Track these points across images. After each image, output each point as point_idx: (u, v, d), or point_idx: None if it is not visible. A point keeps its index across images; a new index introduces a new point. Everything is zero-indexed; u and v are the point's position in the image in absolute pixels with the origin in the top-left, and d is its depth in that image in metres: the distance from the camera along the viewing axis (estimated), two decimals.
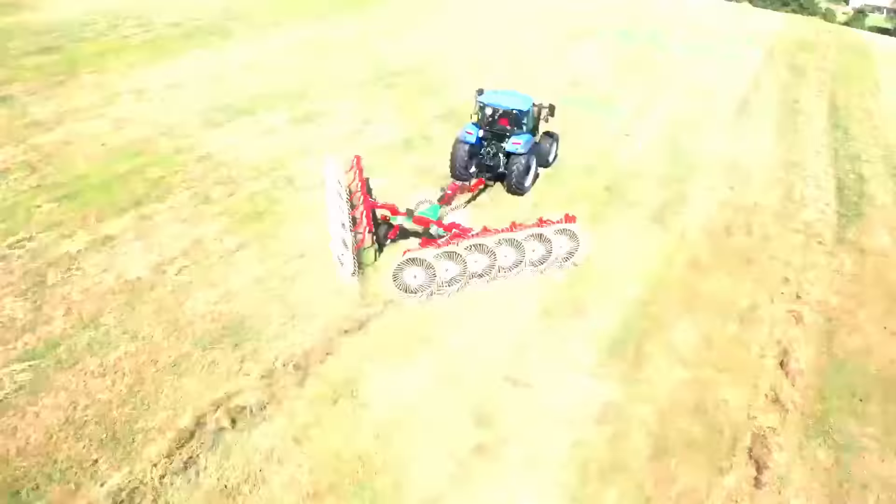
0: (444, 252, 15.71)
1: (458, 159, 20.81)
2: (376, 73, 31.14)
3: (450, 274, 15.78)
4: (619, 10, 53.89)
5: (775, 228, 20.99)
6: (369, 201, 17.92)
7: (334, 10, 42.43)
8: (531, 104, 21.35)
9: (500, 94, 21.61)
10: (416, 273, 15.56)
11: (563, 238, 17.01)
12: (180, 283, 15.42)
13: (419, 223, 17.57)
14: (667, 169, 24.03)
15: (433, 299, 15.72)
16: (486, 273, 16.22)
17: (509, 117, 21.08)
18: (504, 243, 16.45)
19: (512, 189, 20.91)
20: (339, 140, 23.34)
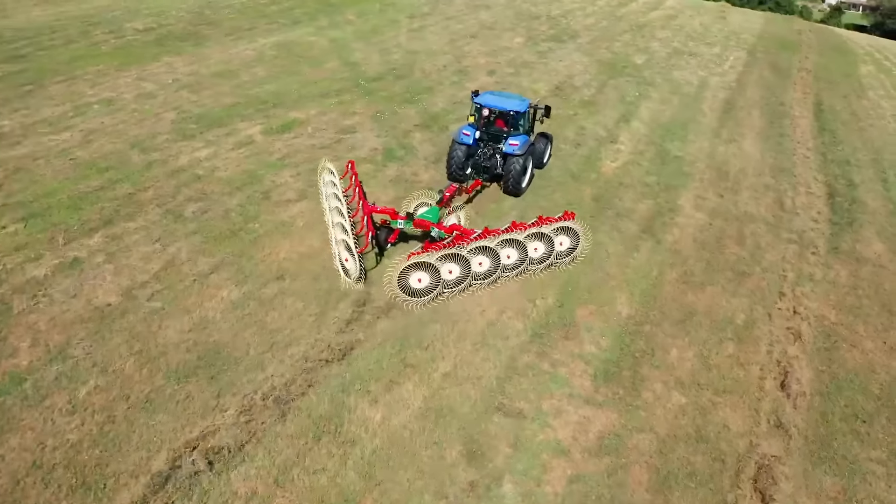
0: (448, 254, 15.59)
1: (455, 160, 20.81)
2: (353, 79, 30.46)
3: (454, 276, 15.73)
4: (598, 11, 53.56)
5: (768, 238, 20.55)
6: (368, 206, 17.77)
7: (309, 14, 41.78)
8: (528, 105, 21.50)
9: (496, 96, 21.88)
10: (420, 276, 15.40)
11: (563, 236, 17.00)
12: (152, 310, 14.67)
13: (419, 226, 17.49)
14: (654, 176, 23.57)
15: (420, 316, 15.10)
16: (490, 274, 16.24)
17: (506, 118, 21.23)
18: (507, 244, 16.38)
19: (509, 190, 20.90)
20: (317, 150, 22.70)
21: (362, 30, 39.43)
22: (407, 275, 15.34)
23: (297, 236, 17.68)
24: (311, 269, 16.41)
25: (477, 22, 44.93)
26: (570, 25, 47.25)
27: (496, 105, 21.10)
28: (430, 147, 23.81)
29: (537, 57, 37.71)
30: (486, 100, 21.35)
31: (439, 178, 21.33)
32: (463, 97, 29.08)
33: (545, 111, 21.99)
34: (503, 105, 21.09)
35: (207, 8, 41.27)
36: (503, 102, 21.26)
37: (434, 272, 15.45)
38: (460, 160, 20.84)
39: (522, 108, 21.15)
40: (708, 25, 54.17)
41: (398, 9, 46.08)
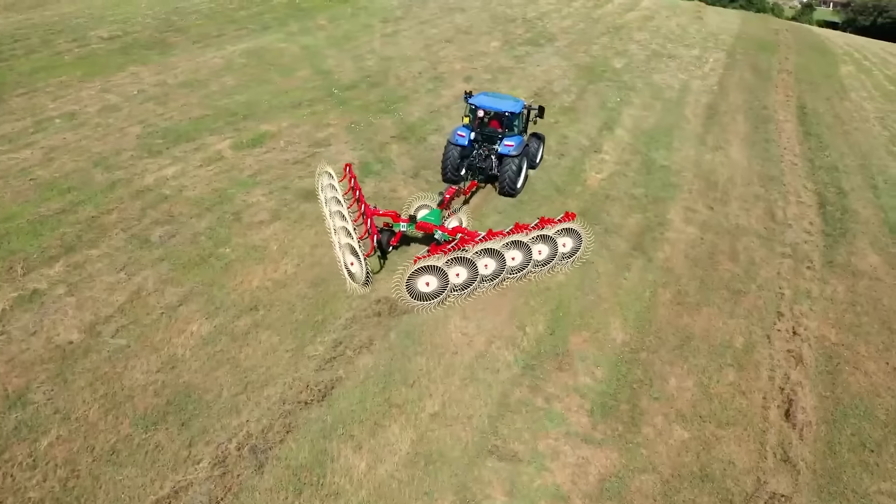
0: (455, 257, 15.60)
1: (451, 161, 21.02)
2: (327, 87, 29.59)
3: (462, 279, 15.78)
4: (574, 13, 53.06)
5: (761, 253, 20.00)
6: (370, 209, 17.71)
7: (279, 20, 40.82)
8: (522, 106, 21.71)
9: (491, 97, 22.16)
10: (428, 280, 15.38)
11: (566, 237, 17.06)
12: (117, 348, 13.76)
13: (422, 229, 17.55)
14: (642, 188, 22.96)
15: (404, 349, 14.32)
16: (495, 276, 16.31)
17: (501, 119, 21.36)
18: (512, 246, 16.36)
19: (504, 191, 21.14)
20: (290, 166, 21.85)
21: (334, 35, 38.53)
22: (415, 278, 15.28)
23: (270, 262, 16.80)
24: (287, 299, 15.55)
25: (452, 26, 44.20)
26: (546, 28, 46.68)
27: (491, 106, 21.20)
28: (408, 160, 23.02)
29: (515, 62, 37.04)
30: (481, 101, 21.48)
31: (418, 194, 20.49)
32: (440, 106, 28.43)
33: (539, 112, 22.28)
34: (498, 106, 21.17)
35: (174, 14, 40.17)
36: (498, 103, 21.35)
37: (442, 275, 15.41)
38: (455, 161, 20.94)
39: (517, 109, 21.24)
40: (685, 26, 53.86)
41: (371, 13, 45.23)
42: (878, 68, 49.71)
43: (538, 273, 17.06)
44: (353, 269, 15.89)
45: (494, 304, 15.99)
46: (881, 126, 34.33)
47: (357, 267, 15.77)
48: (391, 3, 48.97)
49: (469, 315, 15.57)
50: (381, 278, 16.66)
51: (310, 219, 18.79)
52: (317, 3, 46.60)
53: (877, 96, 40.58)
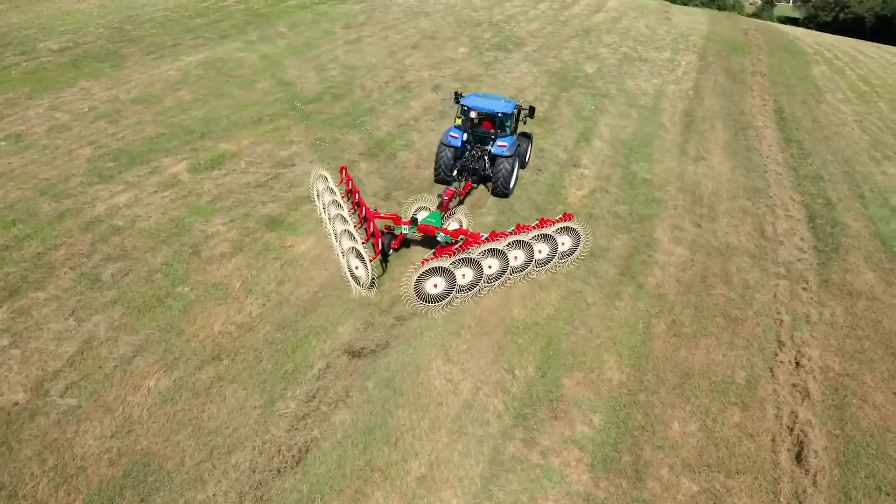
0: (462, 258, 15.92)
1: (444, 163, 21.30)
2: (288, 100, 28.32)
3: (468, 280, 16.07)
4: (541, 15, 52.24)
5: (755, 274, 19.17)
6: (370, 212, 17.96)
7: (237, 27, 39.36)
8: (514, 106, 21.92)
9: (482, 97, 22.31)
10: (436, 281, 15.60)
11: (565, 236, 17.55)
12: (68, 409, 12.49)
13: (424, 231, 17.60)
14: (625, 205, 22.05)
15: (384, 401, 13.18)
16: (500, 275, 16.64)
17: (493, 120, 21.47)
18: (515, 246, 16.75)
19: (498, 191, 21.44)
20: (252, 190, 20.60)
21: (295, 43, 37.19)
22: (423, 280, 15.47)
23: (233, 302, 15.56)
24: (252, 345, 14.34)
25: (417, 31, 43.07)
26: (514, 32, 45.76)
27: (484, 107, 21.30)
28: (378, 180, 21.89)
29: (484, 68, 36.02)
30: (473, 102, 21.61)
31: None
32: (409, 119, 27.38)
33: (529, 112, 22.55)
34: (491, 107, 21.31)
35: (128, 23, 38.54)
36: (490, 104, 21.51)
37: (449, 277, 15.63)
38: (449, 162, 21.25)
39: (510, 110, 21.43)
40: (654, 28, 53.33)
41: (332, 19, 43.92)
42: (850, 67, 49.57)
43: (540, 272, 17.49)
44: (358, 273, 15.94)
45: (479, 344, 14.95)
46: (860, 130, 33.89)
47: (362, 270, 15.85)
48: (353, 8, 47.72)
49: (453, 357, 14.50)
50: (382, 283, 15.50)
51: (274, 250, 17.58)
52: (276, 9, 45.24)
53: (852, 98, 40.26)
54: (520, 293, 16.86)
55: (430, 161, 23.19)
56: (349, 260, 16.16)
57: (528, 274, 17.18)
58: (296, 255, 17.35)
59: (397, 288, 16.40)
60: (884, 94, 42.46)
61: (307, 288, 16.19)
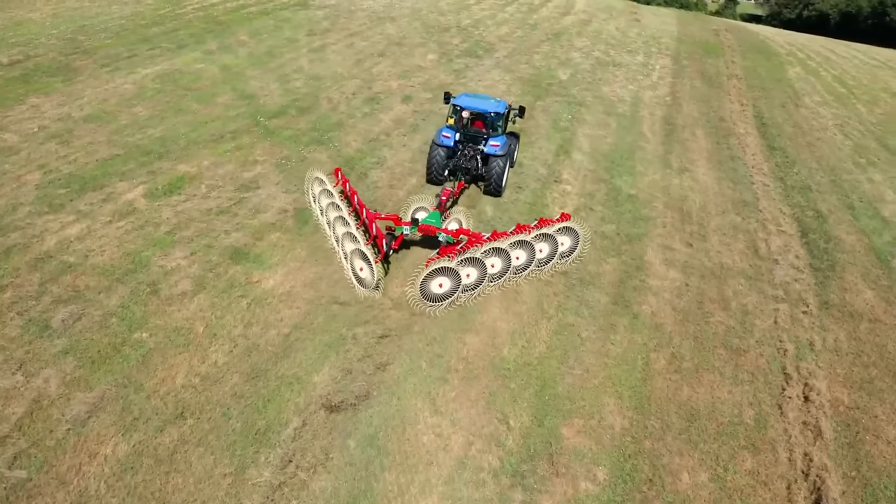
0: (467, 258, 16.06)
1: (436, 163, 21.57)
2: (251, 115, 26.95)
3: (472, 279, 16.22)
4: (509, 19, 51.29)
5: (753, 298, 18.29)
6: (370, 213, 17.94)
7: (195, 36, 37.78)
8: (506, 106, 22.22)
9: (473, 97, 22.51)
10: (441, 281, 15.72)
11: (564, 236, 17.72)
12: (17, 483, 11.24)
13: (425, 232, 17.77)
14: (612, 224, 21.09)
15: (367, 463, 12.01)
16: (502, 275, 16.86)
17: (485, 120, 21.81)
18: (517, 245, 16.93)
19: (491, 190, 21.76)
20: (214, 217, 19.28)
21: (257, 53, 35.72)
22: (429, 281, 15.57)
23: (197, 349, 14.28)
24: (219, 399, 13.09)
25: (383, 37, 41.82)
26: (483, 37, 44.70)
27: (476, 107, 21.59)
28: None
29: (454, 77, 34.90)
30: (465, 101, 21.81)
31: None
32: (379, 133, 26.21)
33: (519, 111, 22.67)
34: (483, 106, 21.64)
35: (81, 33, 36.77)
36: (482, 104, 21.83)
37: (454, 276, 15.77)
38: (442, 162, 21.53)
39: (501, 109, 21.75)
40: (624, 30, 52.65)
41: (295, 25, 42.49)
42: (824, 68, 49.31)
43: (541, 271, 17.67)
44: (363, 275, 16.12)
45: (468, 390, 13.84)
46: (842, 134, 33.37)
47: (367, 272, 15.99)
48: (316, 13, 46.33)
49: (440, 406, 13.37)
50: (355, 330, 14.26)
51: (240, 287, 16.30)
52: (236, 15, 43.72)
53: (830, 100, 39.82)
54: (508, 328, 15.80)
55: (403, 180, 22.18)
56: (353, 262, 16.30)
57: (529, 274, 17.42)
58: (263, 292, 16.09)
59: (375, 326, 15.27)
60: (861, 97, 42.09)
61: (277, 330, 14.95)
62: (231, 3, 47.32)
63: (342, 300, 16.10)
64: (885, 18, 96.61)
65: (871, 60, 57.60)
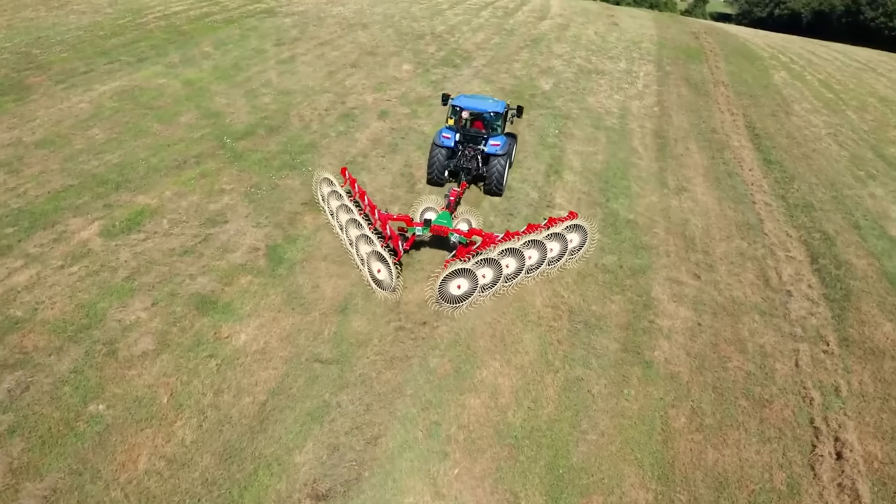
0: (484, 258, 16.31)
1: (438, 163, 21.83)
2: (217, 136, 25.22)
3: (488, 279, 16.44)
4: (485, 24, 49.88)
5: (770, 337, 17.01)
6: (383, 214, 18.05)
7: (157, 48, 35.89)
8: (505, 106, 22.54)
9: (472, 98, 22.90)
10: (459, 283, 15.93)
11: (573, 234, 18.28)
12: None
13: (437, 232, 18.01)
14: (613, 255, 19.71)
15: None
16: (516, 275, 17.15)
17: (484, 120, 22.28)
18: (531, 245, 17.23)
19: (492, 190, 22.02)
20: (177, 259, 17.63)
21: (222, 66, 33.92)
22: (448, 282, 15.81)
23: (161, 423, 12.63)
24: (189, 488, 11.47)
25: (355, 46, 40.20)
26: (460, 44, 43.24)
27: (476, 107, 21.96)
28: (330, 237, 19.05)
29: (432, 89, 33.37)
30: (464, 102, 22.15)
31: (350, 290, 16.71)
32: (356, 154, 24.72)
33: (517, 111, 23.04)
34: (483, 107, 21.99)
35: (36, 45, 34.71)
36: (482, 104, 22.17)
37: (472, 277, 15.95)
38: (442, 163, 21.82)
39: (500, 109, 22.06)
40: (604, 35, 51.53)
41: (262, 34, 40.71)
42: (809, 72, 48.55)
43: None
44: (381, 276, 16.27)
45: (472, 466, 12.36)
46: (837, 144, 32.36)
47: (385, 273, 16.14)
48: (284, 21, 44.59)
49: (442, 488, 11.85)
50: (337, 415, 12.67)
51: (208, 344, 14.65)
52: (200, 24, 41.86)
53: (819, 107, 38.90)
54: (510, 386, 14.32)
55: (385, 208, 20.59)
56: (370, 264, 16.43)
57: (541, 273, 17.78)
58: (235, 351, 14.45)
59: (362, 390, 13.71)
60: (850, 102, 41.24)
61: (252, 397, 13.33)
62: (195, 11, 45.49)
63: (324, 357, 14.51)
64: (859, 17, 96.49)
65: (853, 62, 57.00)
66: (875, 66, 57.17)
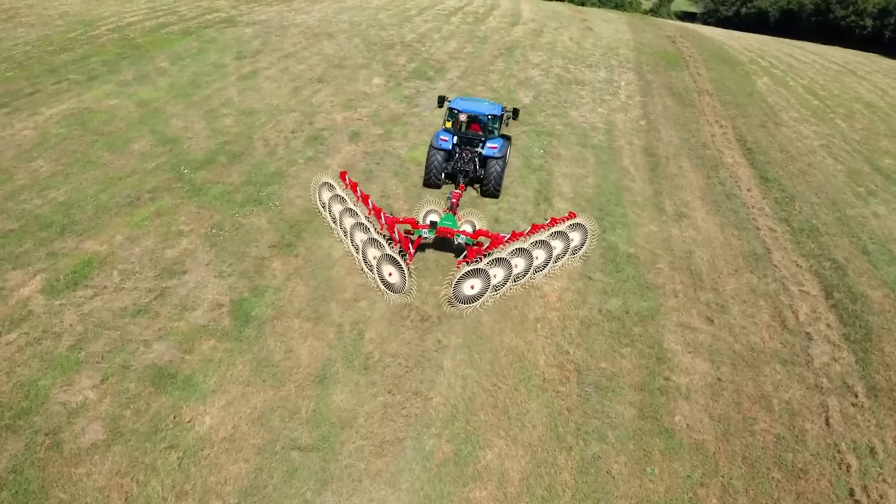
0: (496, 259, 16.65)
1: (435, 166, 22.16)
2: (174, 166, 23.23)
3: (499, 279, 16.63)
4: (456, 31, 48.20)
5: (795, 391, 15.60)
6: (388, 217, 18.42)
7: (109, 64, 33.67)
8: (502, 109, 23.01)
9: (468, 101, 23.22)
10: (473, 283, 16.17)
11: (575, 233, 18.87)
12: None
13: (443, 234, 18.32)
14: (617, 298, 18.15)
15: None
16: (525, 273, 17.49)
17: (481, 123, 22.62)
18: (539, 245, 17.71)
19: (489, 192, 22.35)
20: (129, 321, 15.69)
21: (179, 83, 31.83)
22: (461, 283, 16.08)
23: None
24: None
25: (322, 58, 38.30)
26: (431, 54, 41.53)
27: (474, 110, 22.42)
28: (303, 288, 17.21)
29: (406, 105, 31.61)
30: (462, 105, 22.56)
31: (329, 355, 14.91)
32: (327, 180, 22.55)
33: (513, 114, 23.71)
34: (481, 109, 22.46)
35: None
36: (479, 107, 22.64)
37: (485, 277, 16.20)
38: (440, 166, 22.19)
39: (497, 112, 22.52)
40: (579, 41, 50.20)
41: (221, 47, 38.63)
42: (791, 77, 47.70)
43: None
44: (392, 280, 16.30)
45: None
46: (831, 157, 31.25)
47: (396, 276, 16.25)
48: (244, 32, 42.53)
49: None
50: None
51: (167, 431, 12.76)
52: (155, 37, 39.66)
53: (808, 116, 37.87)
54: (520, 470, 12.66)
55: None
56: (381, 269, 16.51)
57: (548, 272, 18.16)
58: (199, 439, 12.58)
59: (348, 485, 11.91)
60: (837, 110, 40.29)
61: (221, 500, 11.46)
62: (150, 22, 43.31)
63: (303, 443, 12.70)
64: (828, 16, 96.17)
65: (832, 65, 56.32)
66: (854, 68, 56.52)
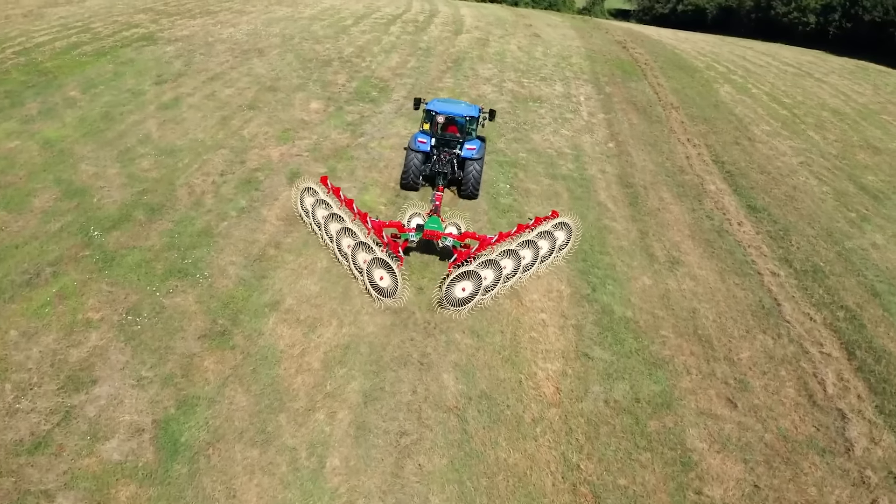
0: (486, 260, 16.68)
1: (413, 168, 22.30)
2: (82, 227, 19.88)
3: (489, 280, 16.67)
4: (397, 43, 45.32)
5: (841, 492, 13.60)
6: (374, 221, 18.37)
7: (11, 95, 29.83)
8: (479, 110, 22.98)
9: (446, 102, 23.23)
10: (464, 285, 16.25)
11: (560, 231, 19.24)
12: None
13: (430, 237, 18.29)
14: (623, 382, 15.62)
15: None
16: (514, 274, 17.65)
17: (459, 124, 22.77)
18: (526, 245, 17.85)
19: (468, 193, 22.55)
20: (25, 459, 12.55)
21: (90, 116, 28.24)
22: (453, 286, 16.16)
23: None
24: None
25: (252, 79, 34.97)
26: (373, 70, 38.58)
27: (451, 111, 22.43)
28: (244, 395, 14.18)
29: (350, 135, 28.60)
30: (439, 106, 22.51)
31: (284, 497, 11.93)
32: (265, 244, 19.66)
33: (490, 115, 23.69)
34: (458, 111, 22.49)
35: None
36: (456, 108, 22.69)
37: (476, 279, 16.22)
38: (418, 168, 22.35)
39: (475, 113, 22.54)
40: (528, 50, 47.91)
41: (139, 70, 34.99)
42: (751, 83, 46.51)
43: None
44: (384, 284, 16.17)
45: None
46: (814, 177, 29.53)
47: (388, 280, 16.14)
48: (165, 50, 38.93)
49: None
50: None
51: None
52: (66, 60, 35.76)
53: (778, 128, 36.27)
54: None
55: (317, 330, 15.96)
56: (371, 273, 16.39)
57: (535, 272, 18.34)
58: None
59: None
60: (805, 119, 38.85)
61: None
62: (61, 42, 39.33)
63: None
64: (769, 12, 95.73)
65: (787, 67, 55.33)
66: (809, 69, 55.54)
